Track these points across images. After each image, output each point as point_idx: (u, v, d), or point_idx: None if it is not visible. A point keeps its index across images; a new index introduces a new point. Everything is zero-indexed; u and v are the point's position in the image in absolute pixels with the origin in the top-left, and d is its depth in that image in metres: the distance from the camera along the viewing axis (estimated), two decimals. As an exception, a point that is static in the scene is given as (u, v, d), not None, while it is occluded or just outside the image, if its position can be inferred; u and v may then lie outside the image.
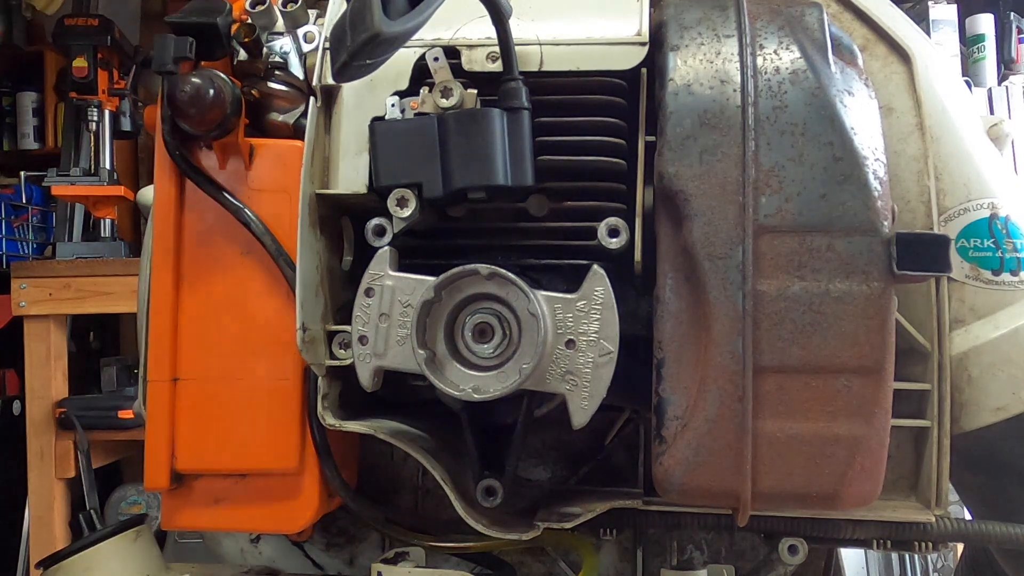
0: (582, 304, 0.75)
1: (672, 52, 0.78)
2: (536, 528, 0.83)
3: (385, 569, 0.91)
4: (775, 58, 0.77)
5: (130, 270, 2.29)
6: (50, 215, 2.89)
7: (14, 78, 3.10)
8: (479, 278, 0.76)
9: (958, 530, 0.84)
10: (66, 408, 2.34)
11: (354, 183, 0.83)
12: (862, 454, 0.73)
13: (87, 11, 2.83)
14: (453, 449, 0.89)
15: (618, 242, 0.79)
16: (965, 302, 0.88)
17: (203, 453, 0.88)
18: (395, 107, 0.82)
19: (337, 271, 0.87)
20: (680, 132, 0.75)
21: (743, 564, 0.99)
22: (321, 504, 0.89)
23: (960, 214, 0.88)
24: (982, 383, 0.86)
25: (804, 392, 0.73)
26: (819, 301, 0.72)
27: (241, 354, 0.88)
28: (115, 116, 2.60)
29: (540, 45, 0.82)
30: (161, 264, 0.88)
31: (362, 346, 0.78)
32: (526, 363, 0.74)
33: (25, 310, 2.32)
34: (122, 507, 2.66)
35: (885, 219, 0.73)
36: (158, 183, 0.89)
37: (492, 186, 0.77)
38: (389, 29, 0.65)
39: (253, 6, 0.90)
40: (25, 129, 3.06)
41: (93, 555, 0.95)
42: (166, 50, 0.84)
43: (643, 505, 0.86)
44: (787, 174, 0.74)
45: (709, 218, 0.73)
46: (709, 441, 0.73)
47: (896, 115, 0.89)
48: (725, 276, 0.73)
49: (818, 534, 0.85)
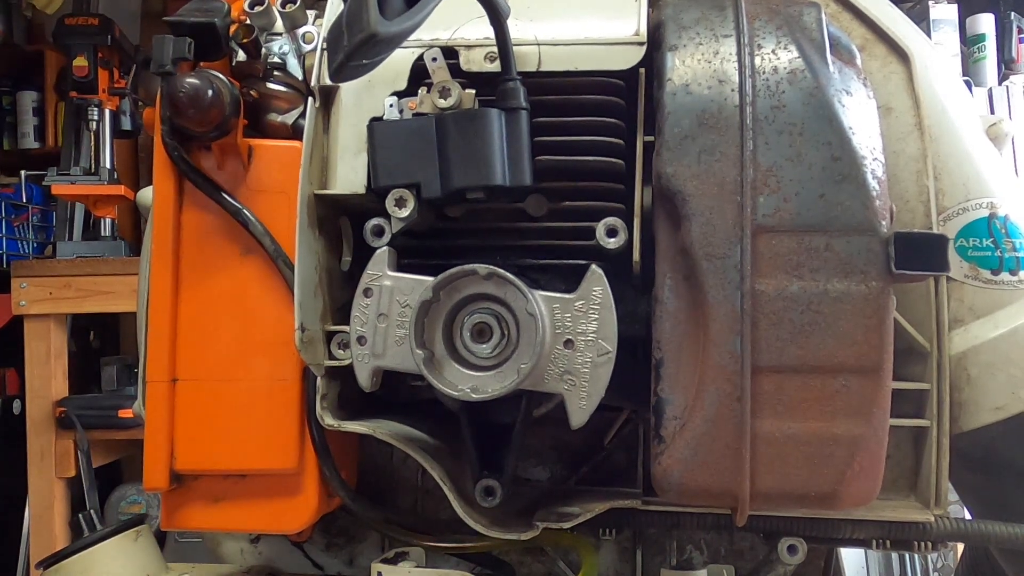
0: (580, 304, 0.75)
1: (670, 52, 0.78)
2: (535, 528, 0.83)
3: (385, 569, 0.91)
4: (773, 58, 0.77)
5: (130, 269, 2.29)
6: (50, 214, 2.89)
7: (14, 77, 3.10)
8: (477, 278, 0.76)
9: (958, 530, 0.84)
10: (66, 407, 2.34)
11: (352, 183, 0.83)
12: (861, 454, 0.73)
13: (87, 10, 2.83)
14: (452, 449, 0.89)
15: (616, 242, 0.79)
16: (964, 302, 0.88)
17: (202, 453, 0.88)
18: (393, 107, 0.82)
19: (336, 271, 0.87)
20: (678, 132, 0.75)
21: (742, 564, 0.99)
22: (321, 504, 0.89)
23: (959, 214, 0.88)
24: (981, 382, 0.86)
25: (803, 392, 0.73)
26: (817, 301, 0.72)
27: (240, 354, 0.88)
28: (115, 115, 2.60)
29: (538, 45, 0.82)
30: (160, 264, 0.88)
31: (361, 346, 0.78)
32: (524, 363, 0.74)
33: (25, 309, 2.33)
34: (122, 507, 2.66)
35: (883, 219, 0.73)
36: (157, 184, 0.89)
37: (490, 186, 0.77)
38: (385, 29, 0.65)
39: (252, 7, 0.90)
40: (25, 128, 3.06)
41: (93, 555, 0.96)
42: (165, 51, 0.84)
43: (642, 505, 0.86)
44: (785, 174, 0.74)
45: (707, 218, 0.73)
46: (708, 441, 0.73)
47: (895, 115, 0.89)
48: (723, 276, 0.73)
49: (817, 534, 0.85)
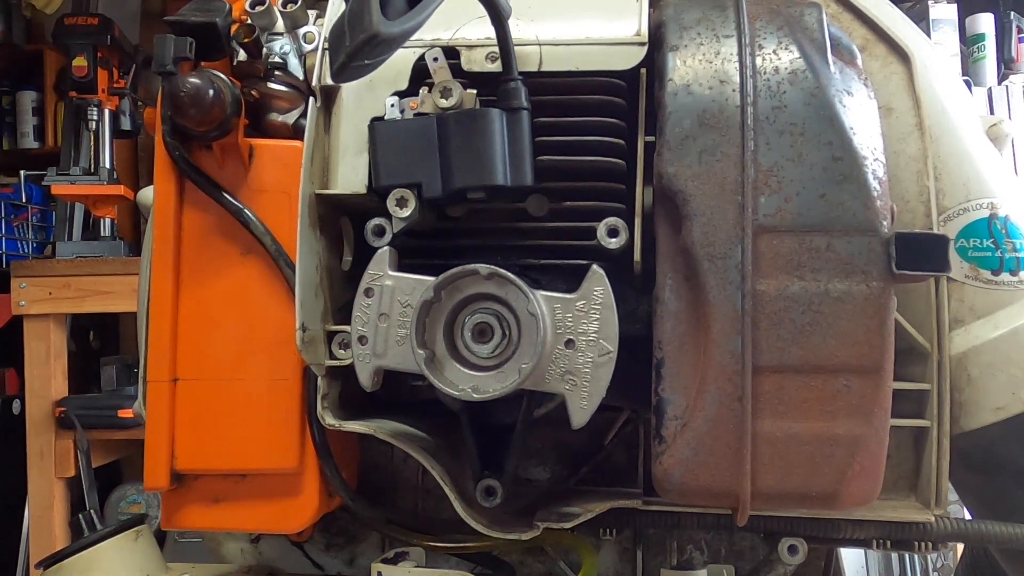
0: (581, 304, 0.75)
1: (671, 52, 0.78)
2: (536, 528, 0.83)
3: (385, 569, 0.91)
4: (774, 58, 0.77)
5: (130, 269, 2.29)
6: (50, 214, 2.89)
7: (14, 77, 3.10)
8: (478, 278, 0.76)
9: (958, 530, 0.84)
10: (66, 407, 2.34)
11: (354, 183, 0.83)
12: (861, 454, 0.73)
13: (87, 10, 2.84)
14: (453, 449, 0.89)
15: (617, 242, 0.79)
16: (964, 302, 0.88)
17: (203, 453, 0.88)
18: (394, 107, 0.82)
19: (337, 271, 0.87)
20: (679, 132, 0.75)
21: (743, 564, 0.99)
22: (321, 504, 0.89)
23: (959, 214, 0.88)
24: (981, 383, 0.86)
25: (803, 392, 0.73)
26: (818, 301, 0.72)
27: (241, 354, 0.88)
28: (115, 115, 2.61)
29: (539, 45, 0.82)
30: (161, 264, 0.88)
31: (362, 346, 0.78)
32: (525, 363, 0.74)
33: (25, 309, 2.33)
34: (122, 506, 2.66)
35: (884, 219, 0.73)
36: (158, 183, 0.89)
37: (491, 186, 0.77)
38: (388, 30, 0.65)
39: (253, 6, 0.90)
40: (25, 128, 3.07)
41: (93, 555, 0.95)
42: (166, 50, 0.84)
43: (643, 505, 0.86)
44: (786, 174, 0.74)
45: (708, 218, 0.73)
46: (709, 441, 0.73)
47: (895, 115, 0.89)
48: (724, 276, 0.73)
49: (818, 534, 0.85)
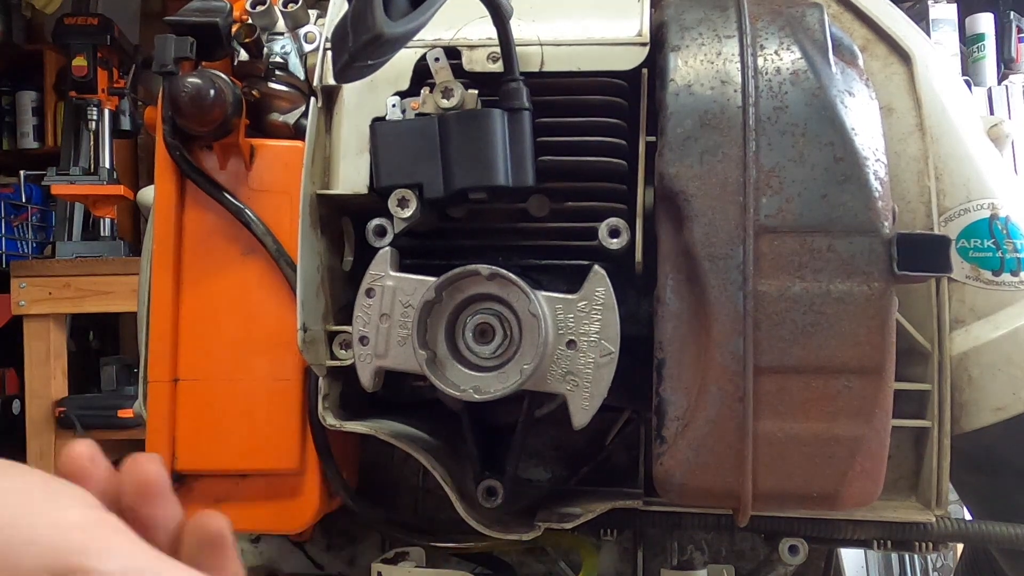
0: (583, 305, 0.75)
1: (673, 52, 0.78)
2: (536, 528, 0.83)
3: (385, 569, 0.91)
4: (776, 59, 0.77)
5: (130, 269, 2.29)
6: (50, 214, 2.89)
7: (13, 77, 3.10)
8: (480, 278, 0.76)
9: (958, 530, 0.84)
10: (66, 407, 2.34)
11: (355, 183, 0.83)
12: (862, 454, 0.73)
13: (87, 10, 2.84)
14: (454, 449, 0.89)
15: (619, 242, 0.79)
16: (965, 302, 0.88)
17: (203, 453, 0.88)
18: (396, 107, 0.82)
19: (338, 271, 0.87)
20: (681, 132, 0.75)
21: (743, 564, 0.99)
22: (321, 504, 0.89)
23: (960, 214, 0.88)
24: (982, 383, 0.86)
25: (804, 392, 0.73)
26: (820, 301, 0.72)
27: (242, 354, 0.87)
28: (115, 115, 2.61)
29: (541, 45, 0.82)
30: (161, 264, 0.88)
31: (363, 346, 0.78)
32: (527, 363, 0.74)
33: (25, 309, 2.33)
34: (122, 506, 2.65)
35: (886, 220, 0.73)
36: (158, 183, 0.88)
37: (493, 187, 0.77)
38: (391, 30, 0.65)
39: (253, 6, 0.90)
40: (25, 128, 3.07)
41: (93, 555, 0.95)
42: (166, 50, 0.84)
43: (643, 505, 0.86)
44: (788, 174, 0.74)
45: (710, 218, 0.73)
46: (710, 441, 0.73)
47: (896, 115, 0.89)
48: (726, 276, 0.73)
49: (818, 534, 0.85)
